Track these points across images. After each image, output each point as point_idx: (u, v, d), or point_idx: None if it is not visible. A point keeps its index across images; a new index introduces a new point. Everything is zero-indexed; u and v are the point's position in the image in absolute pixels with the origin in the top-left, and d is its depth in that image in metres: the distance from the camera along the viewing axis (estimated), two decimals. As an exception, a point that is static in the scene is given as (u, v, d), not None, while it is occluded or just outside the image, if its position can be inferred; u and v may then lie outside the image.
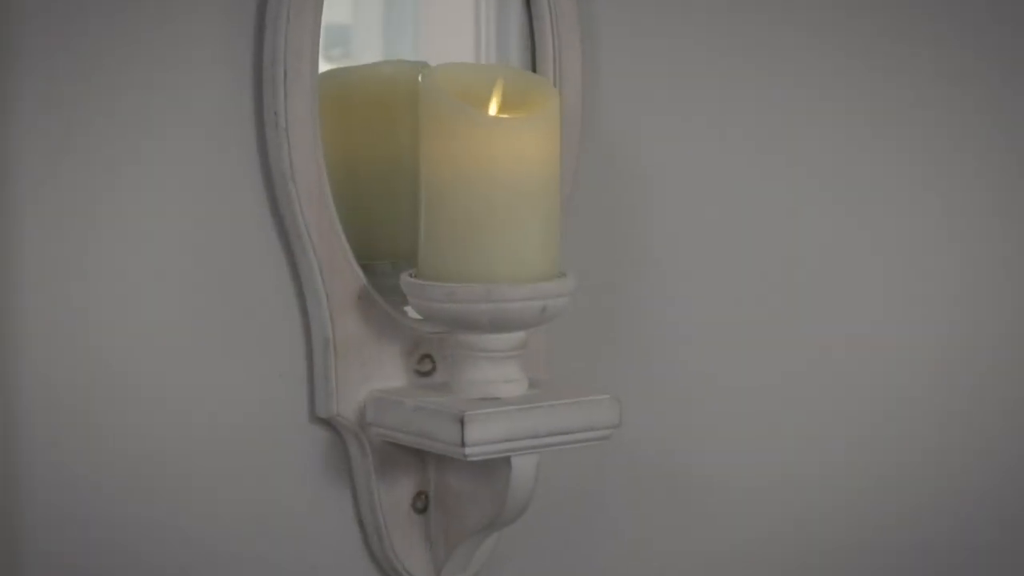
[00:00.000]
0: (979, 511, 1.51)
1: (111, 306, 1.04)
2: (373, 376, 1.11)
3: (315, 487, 1.12)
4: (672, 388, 1.33)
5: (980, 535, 1.51)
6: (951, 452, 1.50)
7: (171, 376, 1.07)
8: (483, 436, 1.04)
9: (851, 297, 1.44)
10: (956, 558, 1.49)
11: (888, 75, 1.43)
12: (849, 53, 1.37)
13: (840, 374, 1.42)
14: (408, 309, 1.11)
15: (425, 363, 1.13)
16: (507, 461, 1.06)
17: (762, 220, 1.38)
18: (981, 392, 1.51)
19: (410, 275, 1.07)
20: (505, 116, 1.05)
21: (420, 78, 1.05)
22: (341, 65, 1.12)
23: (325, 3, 1.06)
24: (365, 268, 1.10)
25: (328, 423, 1.11)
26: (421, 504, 1.13)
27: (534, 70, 1.16)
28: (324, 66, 1.09)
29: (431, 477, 1.13)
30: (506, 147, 1.04)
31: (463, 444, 1.03)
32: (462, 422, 1.03)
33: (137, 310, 1.05)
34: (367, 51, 1.15)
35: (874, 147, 1.45)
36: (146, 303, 1.06)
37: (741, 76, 1.32)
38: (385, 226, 1.13)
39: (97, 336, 1.04)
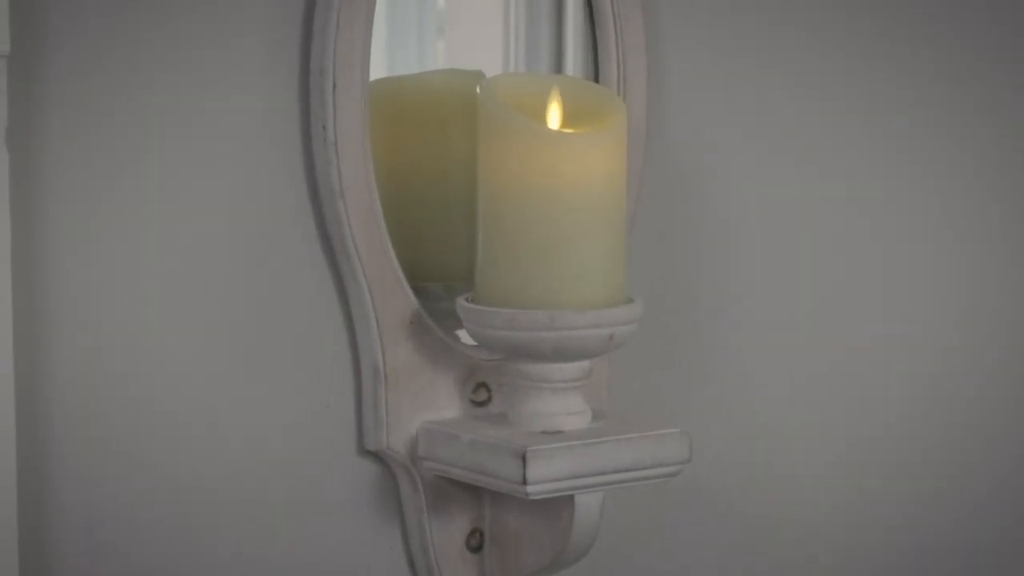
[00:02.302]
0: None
1: (152, 331, 1.02)
2: (425, 406, 1.07)
3: (363, 524, 1.09)
4: (740, 418, 1.32)
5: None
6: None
7: (212, 405, 1.04)
8: (546, 474, 0.99)
9: (933, 323, 1.46)
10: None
11: (961, 89, 1.45)
12: (922, 73, 1.38)
13: (928, 411, 1.43)
14: (462, 334, 1.07)
15: (480, 392, 1.08)
16: (570, 499, 1.01)
17: (836, 239, 1.38)
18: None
19: (466, 299, 1.03)
20: (571, 131, 1.01)
21: (478, 89, 1.00)
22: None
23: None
24: (416, 291, 1.06)
25: (377, 456, 1.08)
26: (476, 542, 1.09)
27: (596, 80, 1.12)
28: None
29: (487, 514, 1.09)
30: (572, 164, 1.00)
31: (525, 482, 0.99)
32: (524, 458, 0.98)
33: (178, 335, 1.03)
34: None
35: (947, 170, 1.48)
36: (186, 327, 1.03)
37: (814, 85, 1.31)
38: (438, 246, 1.09)
39: (139, 362, 1.01)
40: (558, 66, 1.14)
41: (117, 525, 1.01)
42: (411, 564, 1.09)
